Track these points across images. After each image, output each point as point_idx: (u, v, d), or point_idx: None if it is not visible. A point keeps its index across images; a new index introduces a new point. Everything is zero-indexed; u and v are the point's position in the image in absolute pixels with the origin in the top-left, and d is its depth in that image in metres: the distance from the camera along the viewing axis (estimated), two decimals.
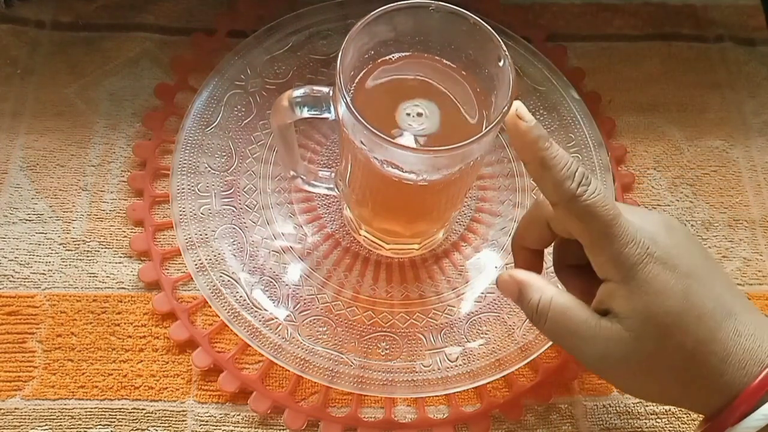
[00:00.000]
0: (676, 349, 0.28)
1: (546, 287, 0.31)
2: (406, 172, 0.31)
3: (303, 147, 0.43)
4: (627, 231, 0.28)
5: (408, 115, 0.32)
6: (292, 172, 0.38)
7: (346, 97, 0.29)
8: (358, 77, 0.33)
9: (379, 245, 0.41)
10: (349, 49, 0.30)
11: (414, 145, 0.31)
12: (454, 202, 0.37)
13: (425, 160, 0.30)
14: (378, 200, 0.36)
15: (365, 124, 0.28)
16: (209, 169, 0.42)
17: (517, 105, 0.28)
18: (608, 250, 0.28)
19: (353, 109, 0.29)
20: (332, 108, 0.31)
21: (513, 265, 0.35)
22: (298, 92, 0.31)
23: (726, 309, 0.28)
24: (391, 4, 0.31)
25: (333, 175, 0.39)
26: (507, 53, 0.30)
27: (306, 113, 0.31)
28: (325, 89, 0.31)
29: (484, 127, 0.30)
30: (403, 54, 0.33)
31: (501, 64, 0.30)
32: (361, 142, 0.30)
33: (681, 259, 0.29)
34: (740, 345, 0.28)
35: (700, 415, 0.31)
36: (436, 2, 0.31)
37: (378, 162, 0.31)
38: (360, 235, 0.41)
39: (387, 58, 0.33)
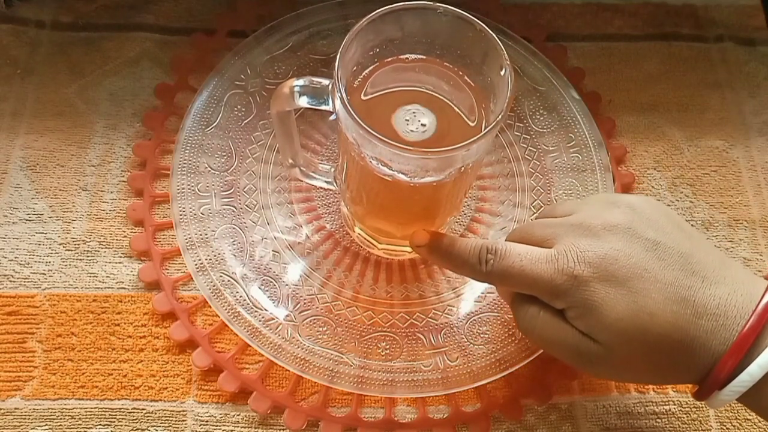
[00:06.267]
0: (642, 347, 0.29)
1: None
2: (394, 170, 0.31)
3: (303, 147, 0.43)
4: (548, 268, 0.30)
5: (407, 120, 0.32)
6: (290, 160, 0.38)
7: (342, 90, 0.29)
8: (362, 74, 0.33)
9: (372, 244, 0.41)
10: (353, 44, 0.31)
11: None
12: (447, 207, 0.37)
13: (412, 161, 0.30)
14: (370, 198, 0.36)
15: (356, 117, 0.29)
16: (209, 169, 0.42)
17: (417, 242, 0.34)
18: (541, 292, 0.30)
19: (346, 102, 0.29)
20: (331, 101, 0.31)
21: None
22: (299, 81, 0.32)
23: (679, 295, 0.29)
24: (399, 4, 0.31)
25: (333, 169, 0.39)
26: (509, 63, 0.30)
27: (305, 103, 0.32)
28: (326, 81, 0.31)
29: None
30: (417, 56, 0.34)
31: (502, 73, 0.30)
32: (353, 138, 0.31)
33: (617, 264, 0.29)
34: (702, 327, 0.28)
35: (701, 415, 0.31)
36: (443, 5, 0.31)
37: (369, 159, 0.31)
38: (354, 232, 0.41)
39: (403, 57, 0.34)
